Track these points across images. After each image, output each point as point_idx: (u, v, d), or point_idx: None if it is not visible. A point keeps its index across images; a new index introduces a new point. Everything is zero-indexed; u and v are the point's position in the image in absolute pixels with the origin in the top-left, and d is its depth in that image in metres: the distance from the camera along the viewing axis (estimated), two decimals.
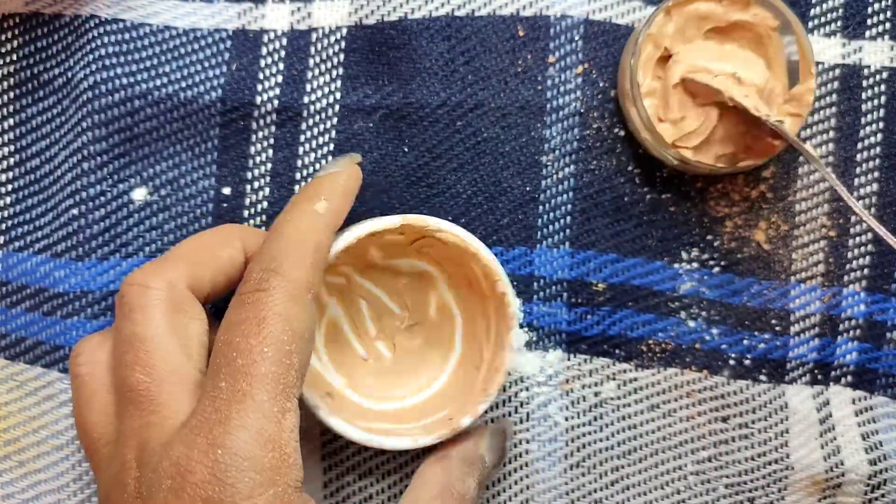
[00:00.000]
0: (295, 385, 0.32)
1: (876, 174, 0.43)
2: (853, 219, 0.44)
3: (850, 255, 0.44)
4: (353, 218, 0.42)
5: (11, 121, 0.44)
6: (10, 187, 0.44)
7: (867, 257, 0.43)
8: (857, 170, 0.43)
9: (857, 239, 0.43)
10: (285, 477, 0.31)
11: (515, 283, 0.43)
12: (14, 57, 0.44)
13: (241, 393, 0.31)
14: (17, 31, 0.44)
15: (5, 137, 0.44)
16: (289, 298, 0.33)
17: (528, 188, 0.43)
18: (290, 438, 0.32)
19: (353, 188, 0.39)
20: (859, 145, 0.43)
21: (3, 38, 0.44)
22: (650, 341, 0.43)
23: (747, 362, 0.44)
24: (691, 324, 0.44)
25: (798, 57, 0.41)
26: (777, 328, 0.44)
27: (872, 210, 0.43)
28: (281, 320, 0.32)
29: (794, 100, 0.41)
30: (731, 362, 0.44)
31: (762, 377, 0.44)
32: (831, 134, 0.44)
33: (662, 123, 0.42)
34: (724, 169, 0.41)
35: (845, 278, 0.44)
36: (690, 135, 0.41)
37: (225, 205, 0.44)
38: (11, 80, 0.44)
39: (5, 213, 0.44)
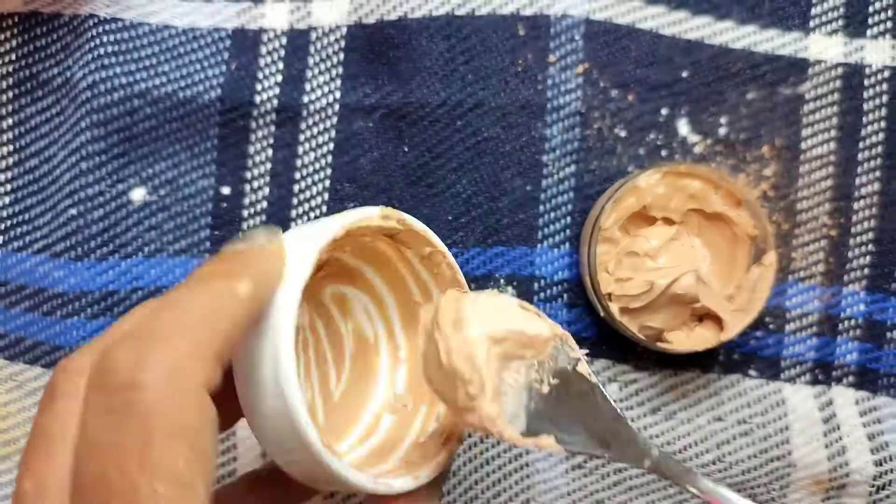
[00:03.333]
0: None
1: (878, 173, 0.43)
2: (854, 218, 0.44)
3: (850, 254, 0.44)
4: None
5: (10, 120, 0.44)
6: (8, 187, 0.44)
7: (867, 257, 0.43)
8: (859, 169, 0.43)
9: (858, 238, 0.43)
10: None
11: (517, 283, 0.43)
12: (13, 56, 0.44)
13: None
14: (15, 31, 0.44)
15: (4, 137, 0.44)
16: (181, 402, 0.24)
17: (528, 188, 0.43)
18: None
19: (278, 273, 0.29)
20: (861, 144, 0.43)
21: (2, 37, 0.44)
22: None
23: (736, 356, 0.44)
24: None
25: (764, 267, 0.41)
26: (771, 326, 0.44)
27: (874, 210, 0.43)
28: (175, 437, 0.23)
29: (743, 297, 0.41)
30: (720, 357, 0.44)
31: (752, 372, 0.44)
32: (833, 133, 0.44)
33: (605, 274, 0.41)
34: (643, 342, 0.41)
35: (845, 277, 0.44)
36: (630, 297, 0.41)
37: (224, 204, 0.43)
38: (10, 79, 0.44)
39: (4, 213, 0.44)
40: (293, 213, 0.43)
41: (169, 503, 0.23)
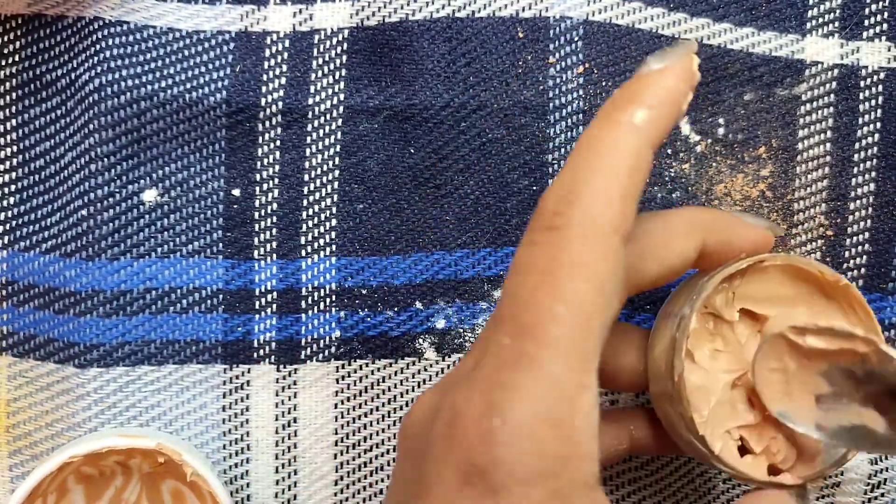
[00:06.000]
0: (594, 356, 0.26)
1: (873, 174, 0.44)
2: (850, 218, 0.44)
3: (847, 254, 0.44)
4: (355, 222, 0.43)
5: (14, 121, 0.44)
6: (13, 188, 0.44)
7: (864, 257, 0.44)
8: (855, 170, 0.44)
9: (854, 239, 0.44)
10: (572, 470, 0.25)
11: None
12: (16, 58, 0.44)
13: (528, 358, 0.25)
14: (19, 33, 0.44)
15: (8, 138, 0.44)
16: (589, 241, 0.26)
17: (535, 188, 0.44)
18: (585, 423, 0.26)
19: (684, 93, 0.29)
20: (856, 145, 0.44)
21: (6, 39, 0.44)
22: None
23: None
24: None
25: None
26: None
27: (869, 210, 0.44)
28: (578, 270, 0.26)
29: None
30: None
31: None
32: (829, 134, 0.44)
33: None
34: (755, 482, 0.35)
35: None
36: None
37: (235, 206, 0.44)
38: (14, 80, 0.44)
39: (9, 214, 0.44)
40: (304, 214, 0.44)
41: (565, 326, 0.25)
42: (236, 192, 0.44)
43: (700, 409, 0.34)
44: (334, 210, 0.44)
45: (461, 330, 0.44)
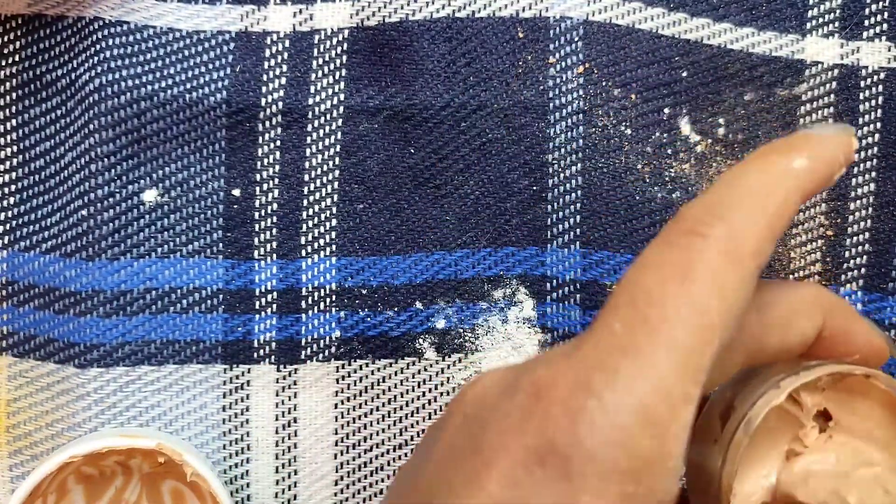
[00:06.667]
0: (704, 373, 0.24)
1: (873, 174, 0.44)
2: (850, 218, 0.44)
3: (847, 254, 0.44)
4: (355, 222, 0.43)
5: (14, 122, 0.44)
6: (13, 188, 0.44)
7: (864, 257, 0.44)
8: (855, 170, 0.44)
9: (854, 238, 0.44)
10: (654, 479, 0.24)
11: (529, 283, 0.44)
12: (16, 58, 0.44)
13: (639, 350, 0.24)
14: (19, 33, 0.44)
15: (8, 138, 0.44)
16: (730, 257, 0.25)
17: (535, 188, 0.44)
18: (679, 436, 0.24)
19: (839, 163, 0.29)
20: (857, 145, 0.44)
21: (6, 39, 0.44)
22: None
23: None
24: None
25: None
26: None
27: (869, 210, 0.44)
28: (714, 280, 0.25)
29: None
30: None
31: None
32: None
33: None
34: None
35: (842, 277, 0.44)
36: None
37: (235, 206, 0.44)
38: (14, 80, 0.44)
39: (9, 214, 0.44)
40: (304, 214, 0.44)
41: (686, 329, 0.24)
42: (236, 192, 0.44)
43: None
44: (334, 210, 0.44)
45: (461, 330, 0.44)
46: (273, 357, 0.44)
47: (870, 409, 0.31)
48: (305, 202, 0.44)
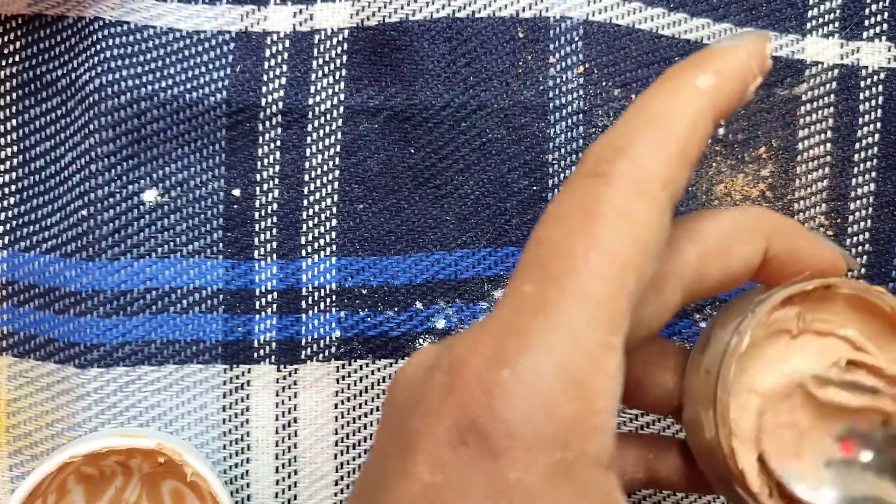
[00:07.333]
0: (623, 317, 0.23)
1: (873, 174, 0.44)
2: (850, 219, 0.44)
3: None
4: (355, 222, 0.43)
5: (14, 122, 0.44)
6: (13, 188, 0.44)
7: (864, 257, 0.44)
8: (855, 170, 0.44)
9: (854, 239, 0.44)
10: (585, 441, 0.22)
11: None
12: (16, 58, 0.44)
13: (548, 306, 0.23)
14: (19, 33, 0.44)
15: (8, 138, 0.44)
16: (635, 191, 0.24)
17: (535, 188, 0.44)
18: (606, 390, 0.23)
19: (753, 73, 0.27)
20: (857, 146, 0.44)
21: (6, 39, 0.44)
22: None
23: None
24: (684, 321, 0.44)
25: None
26: None
27: (869, 210, 0.44)
28: (621, 220, 0.24)
29: None
30: None
31: None
32: (829, 134, 0.44)
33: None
34: None
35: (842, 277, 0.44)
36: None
37: (235, 206, 0.44)
38: (14, 80, 0.44)
39: (9, 214, 0.44)
40: (304, 214, 0.44)
41: (597, 276, 0.23)
42: (236, 192, 0.44)
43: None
44: (334, 210, 0.44)
45: (461, 330, 0.44)
46: (273, 357, 0.44)
47: (846, 319, 0.31)
48: (305, 202, 0.44)
